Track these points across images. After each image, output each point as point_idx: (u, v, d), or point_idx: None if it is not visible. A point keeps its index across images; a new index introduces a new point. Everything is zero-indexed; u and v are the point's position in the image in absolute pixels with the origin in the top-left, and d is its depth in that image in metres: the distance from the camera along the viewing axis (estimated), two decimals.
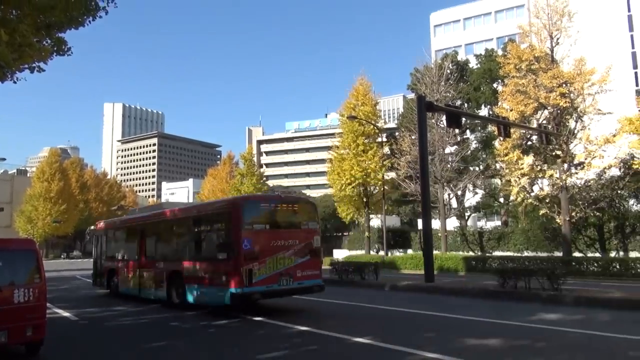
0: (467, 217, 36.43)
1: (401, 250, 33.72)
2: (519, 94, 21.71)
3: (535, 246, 26.70)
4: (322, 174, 63.07)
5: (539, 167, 21.84)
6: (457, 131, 27.41)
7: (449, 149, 28.84)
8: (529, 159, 21.86)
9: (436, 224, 27.00)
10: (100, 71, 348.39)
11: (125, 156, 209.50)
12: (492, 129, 28.71)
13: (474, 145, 35.00)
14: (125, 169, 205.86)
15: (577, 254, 23.06)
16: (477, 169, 32.65)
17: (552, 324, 8.54)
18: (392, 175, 32.47)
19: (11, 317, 6.63)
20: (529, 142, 23.40)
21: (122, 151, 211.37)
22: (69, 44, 10.05)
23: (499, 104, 25.15)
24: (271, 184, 69.82)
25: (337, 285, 17.22)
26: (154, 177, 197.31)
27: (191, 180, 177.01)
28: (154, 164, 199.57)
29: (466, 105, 35.19)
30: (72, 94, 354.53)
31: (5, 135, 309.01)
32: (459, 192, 31.43)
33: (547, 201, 22.26)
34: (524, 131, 22.47)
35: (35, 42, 9.32)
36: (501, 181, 30.55)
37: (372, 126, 31.27)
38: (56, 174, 59.69)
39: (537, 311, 10.06)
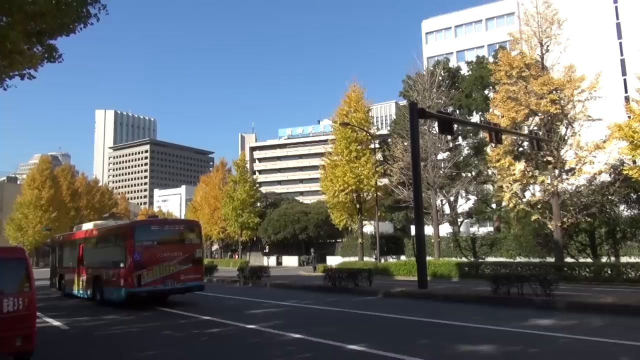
0: (459, 223, 36.53)
1: (394, 256, 33.71)
2: (510, 100, 21.88)
3: (527, 252, 26.79)
4: (315, 180, 63.07)
5: (531, 173, 21.97)
6: (449, 138, 27.56)
7: (442, 155, 28.97)
8: (521, 165, 21.99)
9: (429, 230, 27.05)
10: (91, 77, 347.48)
11: (117, 163, 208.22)
12: (483, 135, 28.90)
13: (466, 151, 35.19)
14: (117, 176, 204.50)
15: (569, 260, 23.18)
16: (469, 175, 32.81)
17: (545, 330, 8.56)
18: (385, 181, 32.54)
19: (0, 326, 6.53)
20: (521, 148, 23.55)
21: (114, 158, 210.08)
22: (60, 50, 10.01)
23: (491, 110, 25.33)
24: (264, 190, 69.74)
25: (331, 292, 17.16)
26: (146, 184, 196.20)
27: (183, 187, 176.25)
28: (146, 171, 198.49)
29: (458, 111, 35.42)
30: (64, 100, 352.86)
31: None
32: (452, 198, 31.55)
33: (538, 207, 22.39)
34: (516, 137, 22.63)
35: (25, 49, 9.27)
36: (493, 187, 30.73)
37: (364, 133, 31.35)
38: (47, 181, 59.21)
39: (529, 317, 10.08)
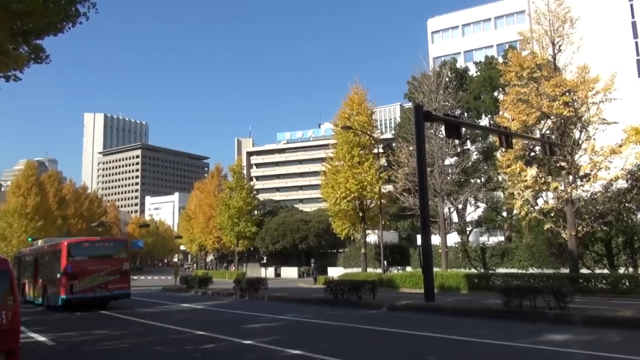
0: (468, 232, 36.45)
1: (400, 267, 33.61)
2: (520, 102, 21.90)
3: (540, 262, 26.72)
4: (316, 187, 62.99)
5: (543, 179, 21.95)
6: (456, 142, 27.56)
7: (449, 161, 28.97)
8: (533, 171, 21.98)
9: (436, 240, 26.99)
10: (80, 79, 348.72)
11: (106, 169, 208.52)
12: (493, 139, 28.92)
13: (474, 156, 35.18)
14: (106, 182, 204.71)
15: (584, 271, 23.09)
16: (478, 181, 32.78)
17: (560, 346, 8.51)
18: (389, 188, 32.50)
19: None
20: (532, 153, 23.54)
21: (104, 164, 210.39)
22: (47, 51, 10.04)
23: (500, 113, 25.35)
24: (262, 197, 69.71)
25: (332, 305, 17.10)
26: (137, 191, 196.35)
27: (177, 194, 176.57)
28: (137, 177, 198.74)
29: (466, 114, 35.45)
30: (51, 103, 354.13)
31: None
32: (460, 206, 31.51)
33: (552, 215, 22.34)
34: (527, 141, 22.63)
35: (10, 49, 9.30)
36: (504, 194, 30.70)
37: (367, 137, 31.38)
38: (33, 188, 59.16)
39: (543, 332, 10.03)
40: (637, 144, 22.38)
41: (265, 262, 52.70)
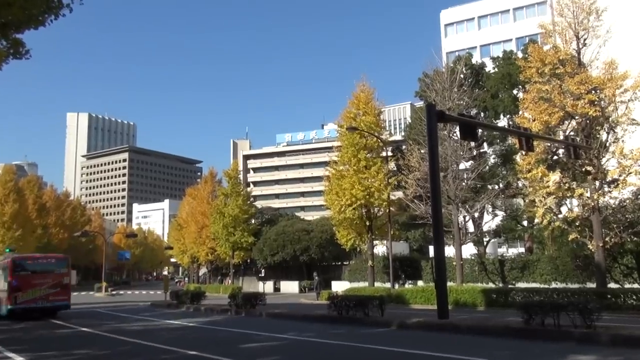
0: (485, 243, 36.38)
1: (410, 281, 33.57)
2: (542, 101, 21.91)
3: (564, 276, 26.65)
4: (319, 193, 62.97)
5: (567, 185, 21.92)
6: (472, 144, 27.56)
7: (464, 165, 28.96)
8: (556, 176, 21.96)
9: (450, 251, 26.95)
10: (63, 77, 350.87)
11: (91, 174, 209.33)
12: (512, 141, 28.88)
13: (492, 160, 35.17)
14: (90, 188, 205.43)
15: (612, 285, 23.01)
16: (496, 187, 32.76)
17: None
18: (398, 194, 32.48)
19: None
20: (555, 157, 23.53)
21: (88, 168, 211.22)
22: (28, 45, 10.12)
23: (520, 113, 25.35)
24: (259, 205, 69.78)
25: (337, 323, 17.07)
26: (123, 197, 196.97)
27: (167, 201, 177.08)
28: (124, 182, 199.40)
29: (482, 114, 35.47)
30: (31, 102, 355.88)
31: None
32: (476, 214, 31.47)
33: (577, 224, 22.29)
34: (549, 144, 22.63)
35: None
36: (524, 201, 30.59)
37: (375, 138, 31.41)
38: (10, 194, 59.33)
39: (567, 352, 9.99)
40: None
41: (263, 275, 52.65)
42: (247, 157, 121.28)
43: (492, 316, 17.24)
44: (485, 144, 35.50)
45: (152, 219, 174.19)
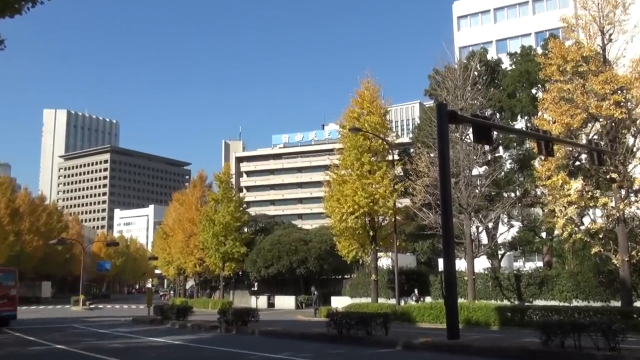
0: (500, 257, 36.35)
1: (407, 298, 33.48)
2: (563, 102, 21.95)
3: (586, 294, 26.63)
4: (318, 200, 63.08)
5: (590, 194, 21.93)
6: (487, 148, 27.62)
7: (477, 170, 28.99)
8: (577, 184, 21.97)
9: (462, 265, 26.92)
10: (39, 71, 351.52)
11: (69, 176, 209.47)
12: (530, 145, 28.93)
13: (508, 165, 35.20)
14: (68, 191, 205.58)
15: (639, 304, 22.97)
16: (512, 195, 32.77)
17: None
18: (405, 202, 32.48)
19: None
20: (577, 162, 23.56)
21: (66, 169, 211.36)
22: (2, 35, 10.14)
23: (539, 114, 25.41)
24: (253, 212, 69.80)
25: (336, 342, 17.04)
26: (104, 202, 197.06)
27: (152, 207, 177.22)
28: (105, 185, 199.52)
29: (498, 115, 35.54)
30: (3, 97, 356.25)
31: None
32: (490, 225, 31.48)
33: (600, 237, 22.29)
34: (571, 148, 22.65)
35: None
36: (543, 211, 30.63)
37: (380, 141, 31.45)
38: None
39: None
40: None
41: (256, 289, 52.57)
42: (240, 160, 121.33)
43: (507, 336, 17.20)
44: (500, 148, 35.54)
45: (135, 226, 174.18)
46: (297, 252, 47.33)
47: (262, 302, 48.44)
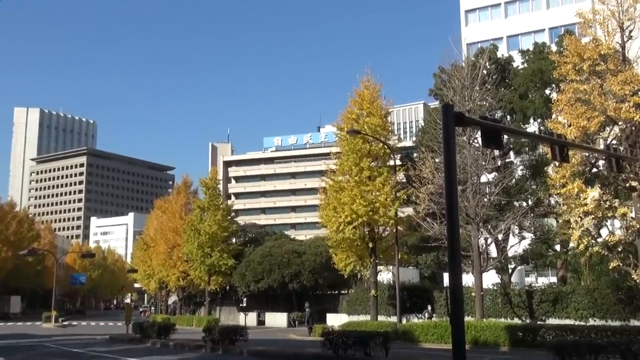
0: (510, 271, 36.37)
1: (420, 315, 33.50)
2: (579, 103, 22.05)
3: (604, 312, 26.65)
4: (313, 208, 63.02)
5: (608, 204, 22.00)
6: (496, 153, 27.68)
7: (486, 177, 29.05)
8: (594, 192, 22.05)
9: (469, 280, 26.94)
10: (9, 65, 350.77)
11: (41, 180, 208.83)
12: (544, 150, 29.01)
13: (519, 172, 35.27)
14: (41, 197, 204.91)
15: None
16: (524, 204, 32.82)
17: None
18: (408, 211, 32.47)
19: None
20: (594, 169, 23.63)
21: (38, 173, 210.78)
22: None
23: (553, 116, 25.49)
24: (242, 221, 69.69)
25: None
26: (80, 209, 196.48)
27: (131, 214, 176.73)
28: (80, 191, 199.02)
29: (509, 117, 35.65)
30: None
31: None
32: (500, 237, 31.51)
33: (619, 250, 22.35)
34: (587, 154, 22.73)
35: None
36: (557, 222, 30.66)
37: (381, 144, 31.49)
38: None
39: None
40: None
41: (244, 305, 52.40)
42: (228, 164, 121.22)
43: (518, 357, 17.21)
44: (511, 153, 35.61)
45: (114, 235, 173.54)
46: (289, 265, 47.24)
47: (251, 319, 48.34)
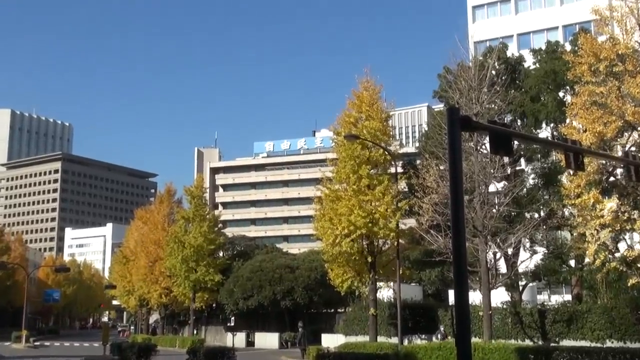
0: (521, 288, 36.34)
1: (424, 335, 33.45)
2: (595, 107, 22.08)
3: (622, 333, 26.66)
4: (307, 219, 62.84)
5: (627, 215, 22.00)
6: (506, 160, 27.69)
7: (495, 186, 29.05)
8: (612, 203, 22.05)
9: (476, 298, 26.88)
10: None
11: (12, 187, 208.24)
12: (557, 157, 29.07)
13: (531, 181, 35.28)
14: (11, 206, 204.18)
15: None
16: (535, 216, 32.83)
17: None
18: (410, 223, 32.44)
19: None
20: (612, 178, 23.66)
21: (8, 180, 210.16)
22: None
23: (568, 121, 25.55)
24: (230, 233, 69.49)
25: None
26: (54, 219, 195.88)
27: (109, 225, 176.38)
28: (55, 199, 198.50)
29: (519, 122, 35.73)
30: None
31: None
32: (510, 251, 31.48)
33: (639, 265, 22.34)
34: (604, 161, 22.76)
35: None
36: (571, 235, 30.69)
37: (381, 150, 31.49)
38: None
39: None
40: None
41: (233, 324, 52.25)
42: (215, 171, 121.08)
43: None
44: (522, 160, 35.63)
45: (90, 248, 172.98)
46: (281, 281, 47.12)
47: (239, 340, 48.17)
